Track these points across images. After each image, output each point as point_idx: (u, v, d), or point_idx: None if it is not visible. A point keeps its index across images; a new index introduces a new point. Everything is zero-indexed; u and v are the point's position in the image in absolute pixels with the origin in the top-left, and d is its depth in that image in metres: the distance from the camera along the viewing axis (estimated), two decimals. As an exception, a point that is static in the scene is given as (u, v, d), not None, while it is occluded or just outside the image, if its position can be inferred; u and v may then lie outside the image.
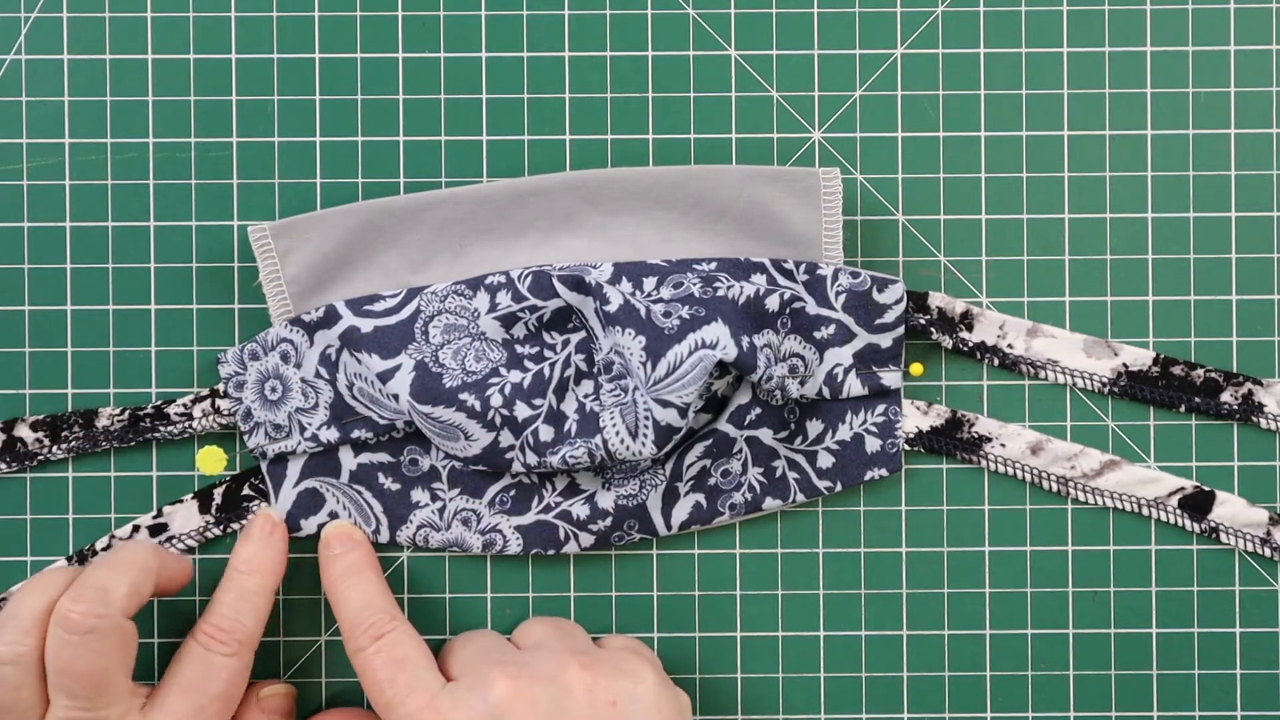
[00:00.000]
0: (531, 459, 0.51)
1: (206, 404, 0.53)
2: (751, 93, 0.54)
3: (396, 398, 0.51)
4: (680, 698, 0.51)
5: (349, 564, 0.52)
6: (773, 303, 0.52)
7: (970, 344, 0.54)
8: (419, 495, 0.54)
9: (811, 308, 0.53)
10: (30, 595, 0.48)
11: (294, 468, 0.53)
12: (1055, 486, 0.54)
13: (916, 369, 0.55)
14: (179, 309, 0.54)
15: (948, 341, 0.54)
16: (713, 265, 0.53)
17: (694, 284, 0.51)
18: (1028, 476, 0.54)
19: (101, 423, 0.53)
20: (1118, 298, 0.55)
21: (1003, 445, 0.54)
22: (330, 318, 0.52)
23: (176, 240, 0.54)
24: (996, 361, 0.54)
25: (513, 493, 0.54)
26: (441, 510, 0.54)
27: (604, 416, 0.51)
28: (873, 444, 0.54)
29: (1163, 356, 0.54)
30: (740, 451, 0.53)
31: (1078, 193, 0.55)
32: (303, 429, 0.53)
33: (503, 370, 0.51)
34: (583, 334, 0.52)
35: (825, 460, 0.54)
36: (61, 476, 0.54)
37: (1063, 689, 0.55)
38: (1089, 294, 0.55)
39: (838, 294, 0.53)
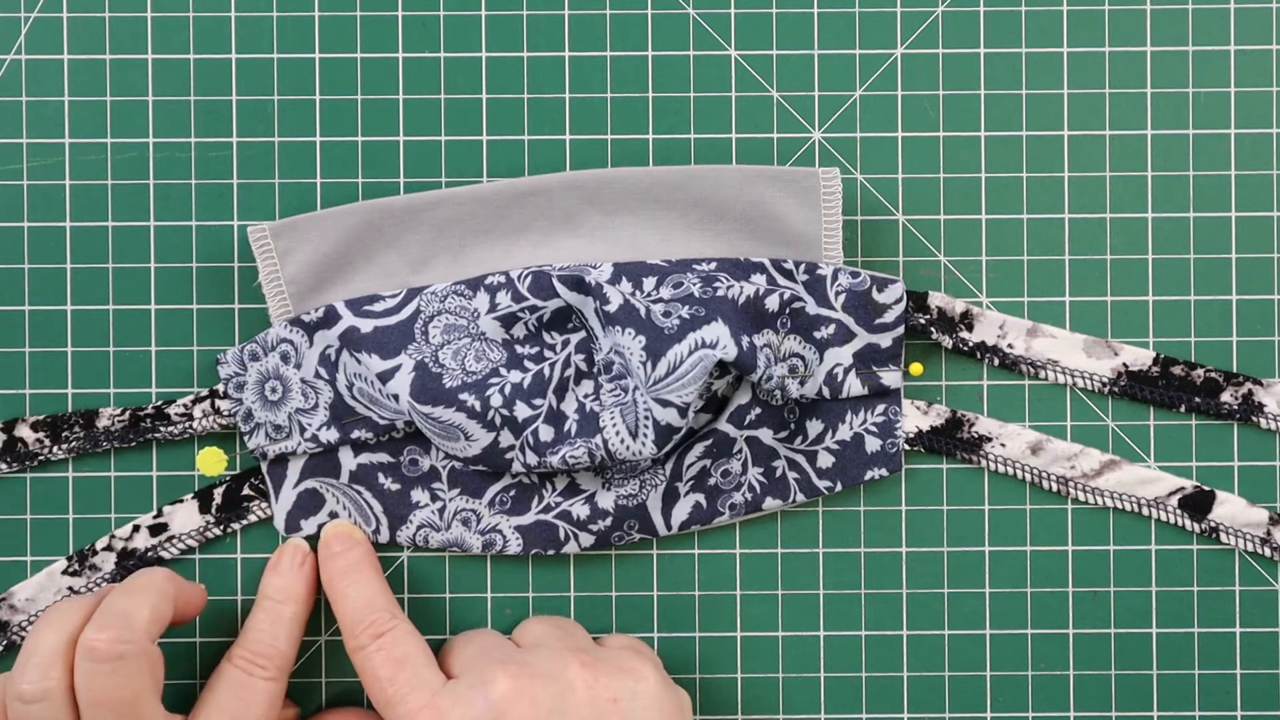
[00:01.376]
0: (531, 459, 0.51)
1: (207, 404, 0.53)
2: (751, 93, 0.54)
3: (396, 398, 0.51)
4: (681, 696, 0.51)
5: (349, 563, 0.52)
6: (772, 303, 0.52)
7: (970, 344, 0.54)
8: (419, 495, 0.54)
9: (811, 308, 0.53)
10: (48, 630, 0.47)
11: (294, 468, 0.53)
12: (1055, 486, 0.54)
13: (916, 369, 0.55)
14: (179, 309, 0.54)
15: (948, 341, 0.54)
16: (713, 265, 0.53)
17: (694, 284, 0.51)
18: (1028, 476, 0.54)
19: (102, 423, 0.53)
20: (1118, 298, 0.55)
21: (1003, 445, 0.54)
22: (330, 318, 0.52)
23: (176, 240, 0.54)
24: (996, 361, 0.54)
25: (513, 493, 0.54)
26: (441, 510, 0.54)
27: (604, 416, 0.51)
28: (873, 444, 0.54)
29: (1163, 356, 0.54)
30: (740, 451, 0.53)
31: (1078, 193, 0.55)
32: (303, 429, 0.53)
33: (503, 370, 0.51)
34: (583, 334, 0.52)
35: (825, 460, 0.54)
36: (61, 476, 0.54)
37: (1063, 689, 0.55)
38: (1089, 294, 0.55)
39: (837, 294, 0.53)
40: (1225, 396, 0.54)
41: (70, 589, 0.53)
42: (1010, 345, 0.54)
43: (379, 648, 0.49)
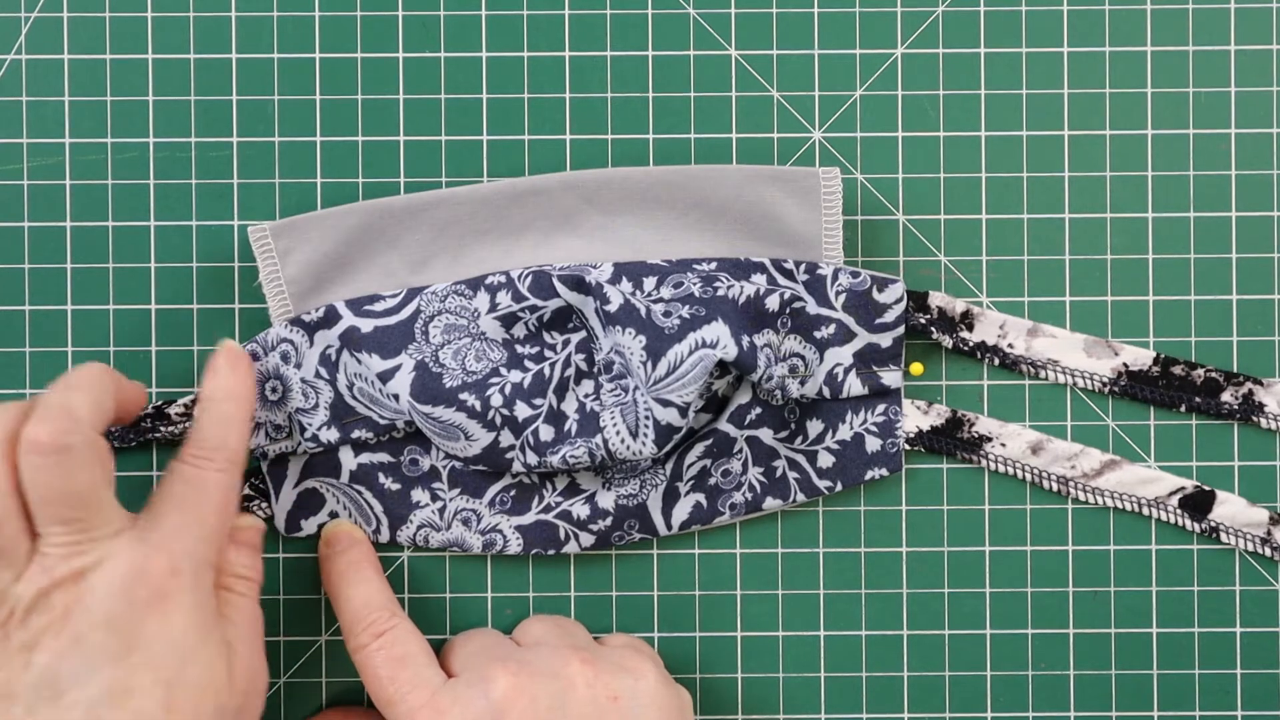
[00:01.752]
0: (532, 459, 0.51)
1: (207, 404, 0.53)
2: (751, 93, 0.54)
3: (397, 398, 0.51)
4: (681, 695, 0.51)
5: (349, 561, 0.52)
6: (773, 302, 0.52)
7: (970, 344, 0.54)
8: (419, 495, 0.54)
9: (811, 307, 0.53)
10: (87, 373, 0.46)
11: (294, 468, 0.53)
12: (1055, 486, 0.54)
13: (916, 369, 0.55)
14: (179, 309, 0.54)
15: (948, 341, 0.54)
16: (713, 265, 0.53)
17: (694, 284, 0.51)
18: (1028, 476, 0.54)
19: (101, 422, 0.53)
20: (1118, 298, 0.55)
21: (1003, 445, 0.54)
22: (330, 318, 0.52)
23: (176, 240, 0.54)
24: (997, 361, 0.54)
25: (513, 493, 0.54)
26: (442, 510, 0.54)
27: (604, 416, 0.51)
28: (873, 444, 0.54)
29: (1163, 356, 0.54)
30: (740, 451, 0.53)
31: (1078, 193, 0.55)
32: (303, 429, 0.53)
33: (503, 370, 0.51)
34: (583, 334, 0.52)
35: (825, 460, 0.54)
36: (62, 476, 0.54)
37: (1063, 689, 0.55)
38: (1089, 294, 0.55)
39: (838, 294, 0.53)
40: (1225, 396, 0.54)
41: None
42: (1010, 345, 0.54)
43: (379, 647, 0.49)
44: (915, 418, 0.54)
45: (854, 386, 0.53)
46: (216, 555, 0.48)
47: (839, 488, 0.54)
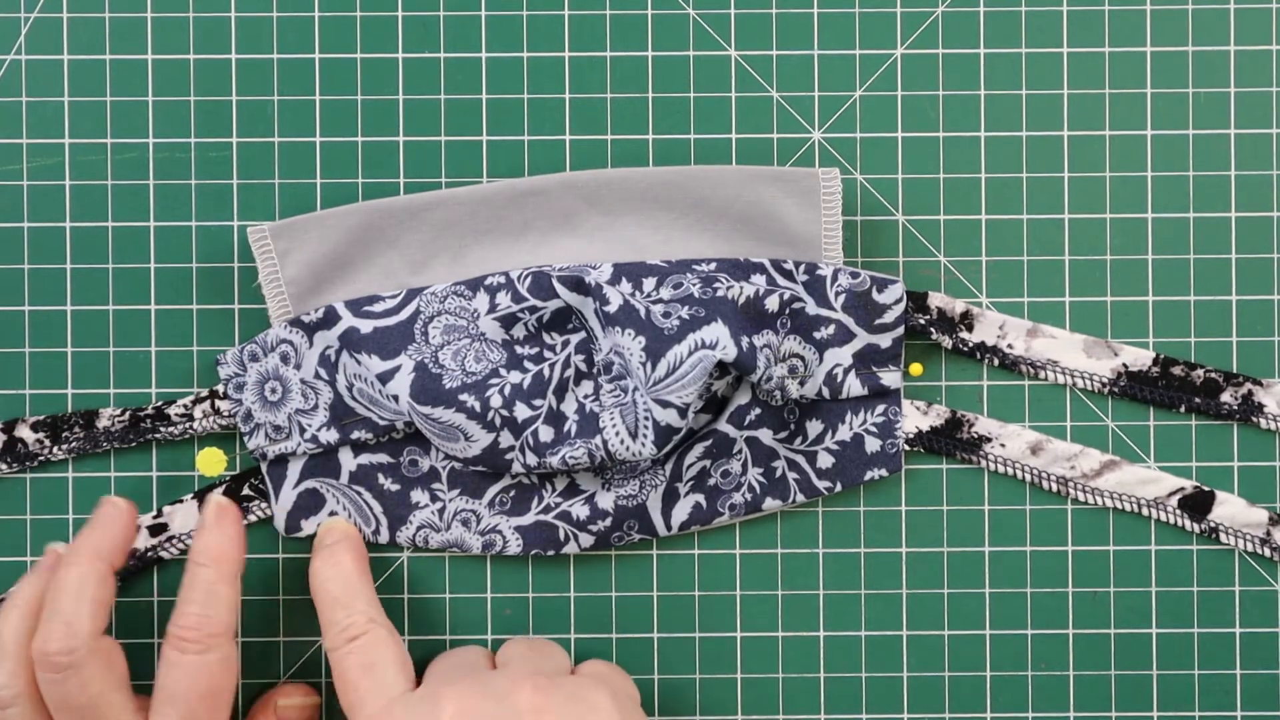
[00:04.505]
0: (531, 459, 0.51)
1: (207, 405, 0.53)
2: (751, 93, 0.54)
3: (396, 399, 0.51)
4: None
5: (329, 551, 0.51)
6: (772, 303, 0.52)
7: (970, 344, 0.54)
8: (419, 496, 0.54)
9: (811, 308, 0.53)
10: (6, 625, 0.48)
11: (294, 469, 0.53)
12: (1055, 486, 0.54)
13: (916, 369, 0.55)
14: (179, 309, 0.54)
15: (948, 341, 0.54)
16: (712, 265, 0.53)
17: (694, 284, 0.51)
18: (1028, 476, 0.54)
19: (102, 423, 0.53)
20: (1118, 298, 0.55)
21: (1003, 445, 0.54)
22: (330, 319, 0.52)
23: (176, 240, 0.54)
24: (996, 361, 0.54)
25: (512, 493, 0.54)
26: (441, 511, 0.54)
27: (604, 417, 0.51)
28: (873, 444, 0.54)
29: (1163, 357, 0.54)
30: (740, 452, 0.53)
31: (1078, 193, 0.55)
32: (302, 430, 0.53)
33: (502, 371, 0.51)
34: (582, 334, 0.52)
35: (825, 460, 0.54)
36: (61, 477, 0.54)
37: (1063, 689, 0.55)
38: (1089, 294, 0.55)
39: (837, 294, 0.53)
40: (1225, 397, 0.54)
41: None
42: (1010, 345, 0.54)
43: (350, 651, 0.49)
44: (915, 418, 0.54)
45: (853, 387, 0.53)
46: None
47: (838, 488, 0.54)
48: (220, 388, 0.53)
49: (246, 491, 0.54)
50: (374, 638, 0.49)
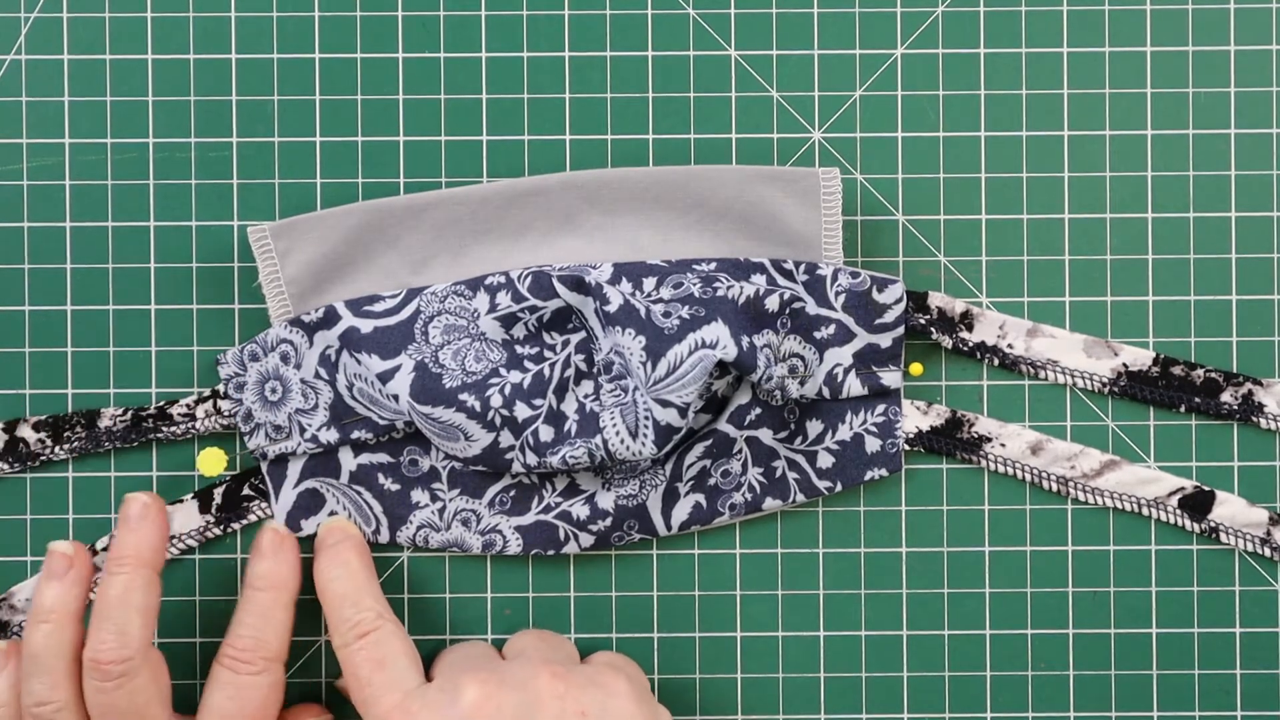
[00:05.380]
0: (531, 459, 0.51)
1: (209, 405, 0.53)
2: (751, 93, 0.54)
3: (396, 398, 0.51)
4: (659, 713, 0.50)
5: (334, 550, 0.52)
6: (772, 303, 0.52)
7: (970, 344, 0.54)
8: (419, 496, 0.54)
9: (811, 308, 0.53)
10: (42, 636, 0.49)
11: (294, 468, 0.53)
12: (1055, 486, 0.54)
13: (916, 369, 0.55)
14: (179, 309, 0.54)
15: (948, 341, 0.54)
16: (712, 265, 0.53)
17: (694, 284, 0.51)
18: (1028, 476, 0.54)
19: (104, 423, 0.53)
20: (1118, 298, 0.55)
21: (1003, 445, 0.54)
22: (330, 318, 0.52)
23: (176, 240, 0.54)
24: (996, 361, 0.54)
25: (513, 493, 0.54)
26: (441, 511, 0.54)
27: (604, 417, 0.51)
28: (873, 444, 0.54)
29: (1163, 356, 0.54)
30: (740, 452, 0.53)
31: (1078, 193, 0.55)
32: (303, 430, 0.53)
33: (503, 371, 0.51)
34: (582, 334, 0.52)
35: (825, 460, 0.54)
36: (62, 476, 0.54)
37: (1063, 689, 0.55)
38: (1089, 294, 0.55)
39: (837, 294, 0.53)
40: (1225, 396, 0.54)
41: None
42: (1010, 345, 0.54)
43: (361, 647, 0.49)
44: (915, 418, 0.54)
45: (854, 387, 0.53)
46: None
47: (839, 488, 0.54)
48: (221, 387, 0.53)
49: (246, 491, 0.54)
50: (384, 633, 0.50)
